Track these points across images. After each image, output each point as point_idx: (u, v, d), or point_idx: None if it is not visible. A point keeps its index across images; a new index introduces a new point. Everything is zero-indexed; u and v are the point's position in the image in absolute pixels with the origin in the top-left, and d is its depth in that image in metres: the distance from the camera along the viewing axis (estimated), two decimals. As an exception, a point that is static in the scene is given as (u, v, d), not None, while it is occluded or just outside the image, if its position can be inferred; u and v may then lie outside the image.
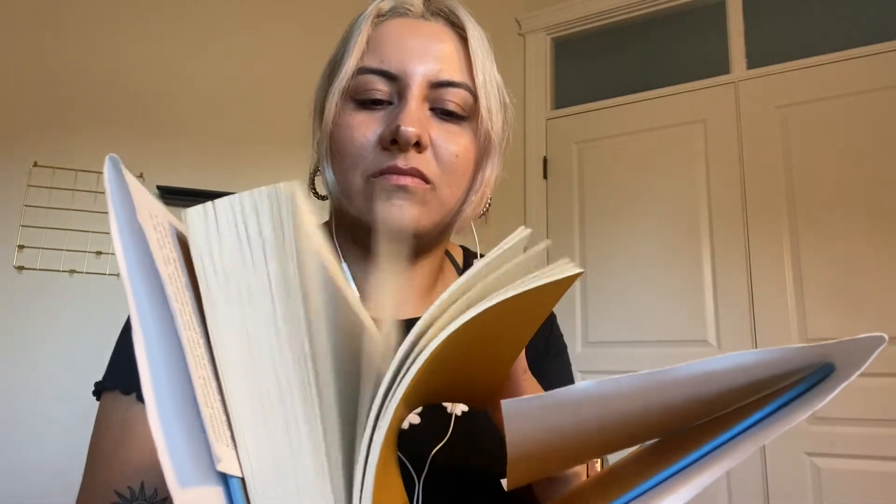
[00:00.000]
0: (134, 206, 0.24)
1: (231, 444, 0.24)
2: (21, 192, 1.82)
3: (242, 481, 0.24)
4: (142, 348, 0.22)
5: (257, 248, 0.25)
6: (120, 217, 0.24)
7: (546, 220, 2.38)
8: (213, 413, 0.23)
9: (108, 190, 0.24)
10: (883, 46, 1.92)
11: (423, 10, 0.55)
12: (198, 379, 0.23)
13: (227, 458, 0.23)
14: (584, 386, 0.22)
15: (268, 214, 0.25)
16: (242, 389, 0.25)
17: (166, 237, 0.27)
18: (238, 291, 0.25)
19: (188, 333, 0.24)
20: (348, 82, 0.52)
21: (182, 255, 0.27)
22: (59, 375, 1.76)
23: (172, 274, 0.25)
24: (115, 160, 0.25)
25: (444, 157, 0.52)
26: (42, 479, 1.69)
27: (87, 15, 1.98)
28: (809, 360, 0.23)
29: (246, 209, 0.26)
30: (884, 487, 1.70)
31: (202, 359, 0.24)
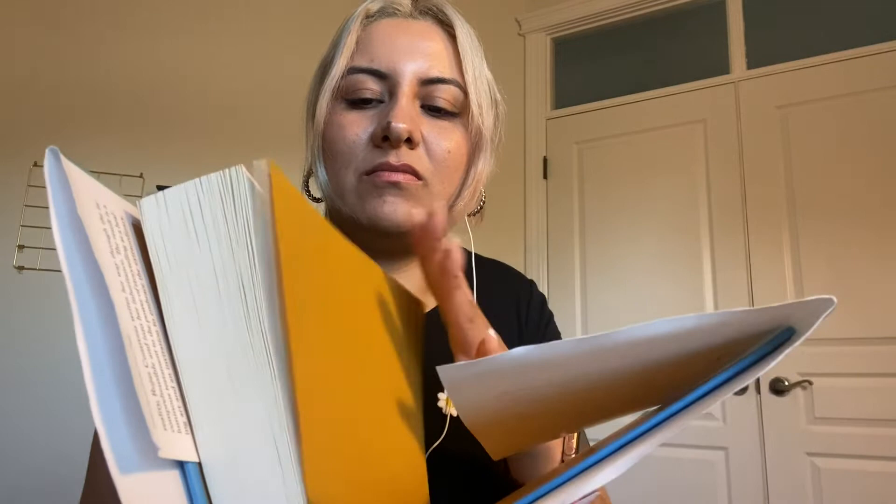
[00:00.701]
0: (73, 197, 0.24)
1: (185, 430, 0.24)
2: (21, 192, 1.82)
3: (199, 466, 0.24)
4: (81, 339, 0.22)
5: (202, 234, 0.26)
6: (60, 210, 0.24)
7: (546, 220, 2.38)
8: (162, 400, 0.23)
9: (47, 183, 0.24)
10: (883, 46, 1.92)
11: (412, 9, 0.56)
12: (144, 367, 0.23)
13: (180, 444, 0.23)
14: (521, 351, 0.21)
15: (218, 200, 0.26)
16: (196, 374, 0.25)
17: (117, 226, 0.27)
18: (187, 277, 0.26)
19: (137, 322, 0.24)
20: (339, 82, 0.52)
21: (138, 243, 0.28)
22: (59, 376, 1.76)
23: (121, 263, 0.25)
24: (54, 151, 0.25)
25: (435, 154, 0.52)
26: (42, 479, 1.69)
27: (87, 16, 1.98)
28: (768, 324, 0.23)
29: (191, 196, 0.26)
30: (884, 487, 1.70)
31: (154, 346, 0.25)
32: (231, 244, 0.26)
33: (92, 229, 0.25)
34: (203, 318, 0.25)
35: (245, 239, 0.26)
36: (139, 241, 0.28)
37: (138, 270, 0.26)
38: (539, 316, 0.64)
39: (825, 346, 1.84)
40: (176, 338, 0.25)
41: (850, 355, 1.80)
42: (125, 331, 0.23)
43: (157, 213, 0.26)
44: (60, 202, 0.24)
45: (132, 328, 0.24)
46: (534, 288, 0.67)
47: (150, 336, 0.25)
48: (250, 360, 0.25)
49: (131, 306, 0.24)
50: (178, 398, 0.24)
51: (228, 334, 0.25)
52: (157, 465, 0.23)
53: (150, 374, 0.23)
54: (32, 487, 1.69)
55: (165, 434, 0.22)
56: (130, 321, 0.24)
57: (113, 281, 0.24)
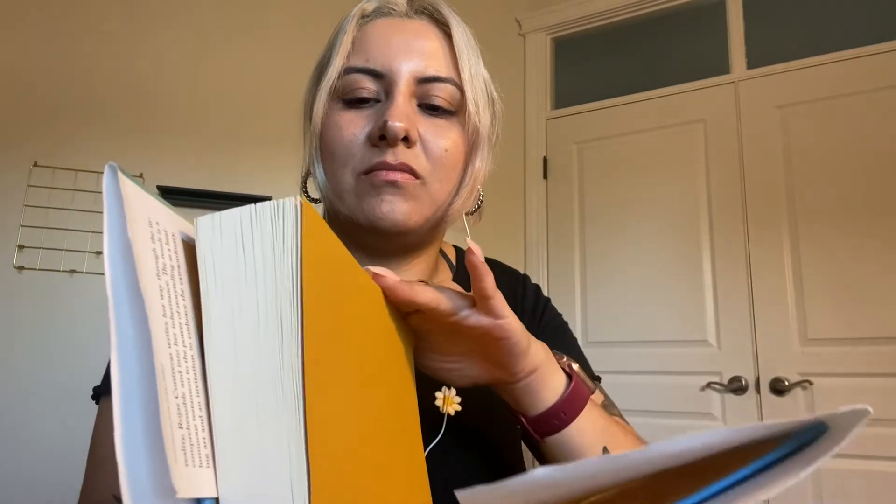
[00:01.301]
0: (126, 217, 0.24)
1: (207, 463, 0.24)
2: (21, 192, 1.82)
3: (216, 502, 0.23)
4: (116, 366, 0.22)
5: (251, 262, 0.25)
6: (113, 230, 0.24)
7: (546, 220, 2.38)
8: (188, 434, 0.23)
9: (104, 200, 0.24)
10: (883, 46, 1.92)
11: (407, 8, 0.56)
12: (174, 399, 0.23)
13: (199, 479, 0.23)
14: (543, 473, 0.21)
15: (268, 229, 0.25)
16: (227, 404, 0.24)
17: (167, 244, 0.26)
18: (231, 305, 0.25)
19: (174, 349, 0.24)
20: (335, 82, 0.52)
21: (187, 263, 0.27)
22: (59, 375, 1.76)
23: (166, 284, 0.25)
24: (113, 168, 0.25)
25: (433, 152, 0.52)
26: (42, 480, 1.69)
27: (88, 15, 1.98)
28: (797, 427, 0.23)
29: (244, 222, 0.26)
30: (884, 487, 1.69)
31: (187, 373, 0.24)
32: (276, 276, 0.25)
33: (140, 249, 0.24)
34: (240, 347, 0.25)
35: (289, 271, 0.25)
36: (189, 260, 0.27)
37: (182, 291, 0.26)
38: (534, 304, 0.65)
39: (825, 346, 1.84)
40: (212, 363, 0.25)
41: (850, 355, 1.80)
42: (159, 360, 0.23)
43: (212, 234, 0.26)
44: (114, 221, 0.24)
45: (167, 356, 0.23)
46: (527, 281, 0.67)
47: (184, 363, 0.24)
48: (278, 397, 0.24)
49: (170, 331, 0.24)
50: (203, 429, 0.24)
51: (262, 367, 0.25)
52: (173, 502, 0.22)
53: (178, 406, 0.23)
54: (31, 488, 1.69)
55: (186, 470, 0.22)
56: (167, 348, 0.24)
57: (154, 305, 0.24)
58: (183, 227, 0.29)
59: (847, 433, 0.22)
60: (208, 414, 0.24)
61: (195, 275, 0.26)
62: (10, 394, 1.73)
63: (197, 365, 0.25)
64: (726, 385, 1.94)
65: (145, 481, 0.22)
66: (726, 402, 1.94)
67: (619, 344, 2.14)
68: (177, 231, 0.28)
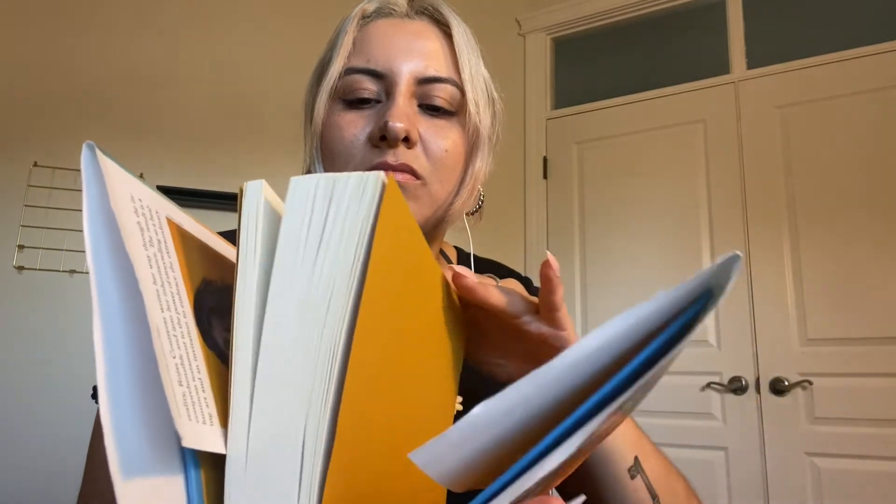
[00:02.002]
0: (107, 190, 0.24)
1: (210, 421, 0.23)
2: (21, 192, 1.82)
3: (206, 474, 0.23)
4: (98, 331, 0.22)
5: (328, 232, 0.25)
6: (92, 201, 0.24)
7: (546, 220, 2.38)
8: (188, 391, 0.23)
9: (83, 175, 0.24)
10: (883, 46, 1.92)
11: (408, 9, 0.56)
12: (172, 359, 0.23)
13: (205, 435, 0.23)
14: (476, 412, 0.22)
15: (355, 203, 0.25)
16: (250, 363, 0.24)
17: (152, 220, 0.26)
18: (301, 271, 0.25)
19: (167, 314, 0.24)
20: (336, 83, 0.53)
21: (173, 238, 0.27)
22: (59, 375, 1.76)
23: (154, 255, 0.25)
24: (90, 146, 0.25)
25: (433, 152, 0.52)
26: (42, 479, 1.69)
27: (87, 15, 1.98)
28: (690, 296, 0.23)
29: (324, 190, 0.25)
30: (884, 487, 1.69)
31: (183, 338, 0.24)
32: (345, 247, 0.25)
33: (125, 221, 0.24)
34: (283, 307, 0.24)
35: (357, 244, 0.25)
36: (176, 238, 0.27)
37: (171, 264, 0.26)
38: None
39: (825, 346, 1.84)
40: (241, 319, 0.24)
41: (850, 355, 1.80)
42: (154, 321, 0.23)
43: (304, 198, 0.26)
44: (94, 194, 0.24)
45: (161, 319, 0.23)
46: (530, 285, 0.67)
47: (179, 328, 0.24)
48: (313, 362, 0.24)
49: (161, 298, 0.24)
50: (204, 389, 0.24)
51: (307, 330, 0.24)
52: (162, 467, 0.22)
53: (177, 366, 0.23)
54: (30, 488, 1.69)
55: (190, 424, 0.22)
56: (160, 312, 0.24)
57: (144, 272, 0.24)
58: (166, 206, 0.29)
59: (726, 286, 0.23)
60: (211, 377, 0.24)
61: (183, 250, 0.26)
62: (9, 394, 1.73)
63: (192, 332, 0.25)
64: (726, 385, 1.94)
65: (134, 444, 0.21)
66: (726, 402, 1.94)
67: (619, 344, 2.14)
68: (161, 209, 0.28)
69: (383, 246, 0.26)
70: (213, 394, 0.24)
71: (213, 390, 0.25)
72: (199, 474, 0.23)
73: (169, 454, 0.22)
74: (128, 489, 0.20)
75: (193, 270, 0.28)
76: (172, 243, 0.27)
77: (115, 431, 0.21)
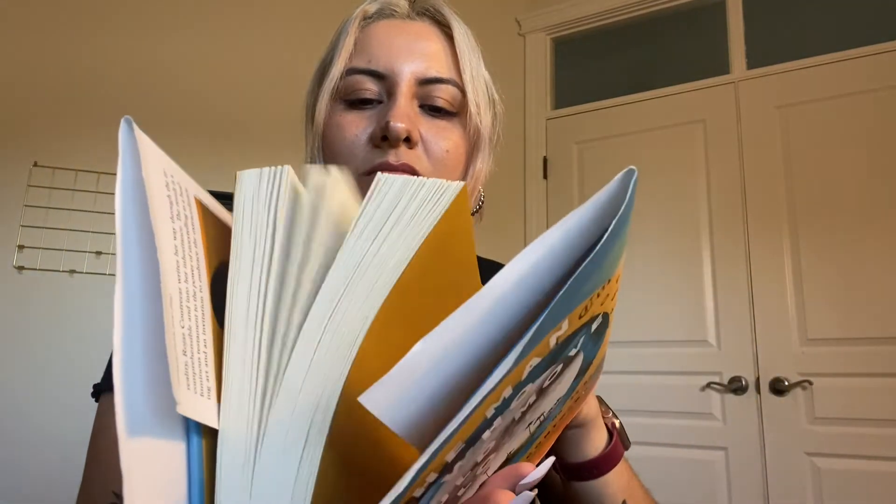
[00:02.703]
0: (141, 162, 0.25)
1: (208, 395, 0.24)
2: (21, 192, 1.82)
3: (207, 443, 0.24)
4: (119, 296, 0.22)
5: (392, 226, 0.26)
6: (126, 171, 0.25)
7: (546, 220, 2.38)
8: (191, 363, 0.23)
9: (119, 147, 0.25)
10: (883, 46, 1.92)
11: (409, 10, 0.56)
12: (180, 328, 0.23)
13: (201, 406, 0.23)
14: (416, 349, 0.22)
15: (420, 201, 0.27)
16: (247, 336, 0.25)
17: (181, 195, 0.27)
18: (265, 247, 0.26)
19: (184, 285, 0.24)
20: (337, 83, 0.53)
21: (199, 218, 0.28)
22: (59, 376, 1.76)
23: (180, 229, 0.26)
24: (128, 120, 0.25)
25: (434, 153, 0.52)
26: (42, 479, 1.69)
27: (87, 15, 1.98)
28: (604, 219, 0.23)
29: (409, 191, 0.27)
30: (884, 487, 1.70)
31: (195, 311, 0.25)
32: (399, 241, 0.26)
33: (155, 192, 0.25)
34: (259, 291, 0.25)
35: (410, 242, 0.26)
36: (202, 219, 0.28)
37: (195, 240, 0.27)
38: None
39: (825, 346, 1.84)
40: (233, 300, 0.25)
41: (850, 355, 1.80)
42: (168, 290, 0.23)
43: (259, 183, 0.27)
44: (128, 165, 0.25)
45: (176, 289, 0.24)
46: None
47: (193, 301, 0.25)
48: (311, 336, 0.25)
49: (181, 270, 0.25)
50: (207, 363, 0.24)
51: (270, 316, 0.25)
52: (165, 431, 0.22)
53: (184, 336, 0.23)
54: (29, 488, 1.69)
55: (188, 393, 0.22)
56: (177, 283, 0.24)
57: (167, 242, 0.24)
58: (196, 188, 0.30)
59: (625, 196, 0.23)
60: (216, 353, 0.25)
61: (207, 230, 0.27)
62: (9, 394, 1.73)
63: (206, 306, 0.25)
64: (726, 385, 1.94)
65: (141, 404, 0.22)
66: (726, 402, 1.94)
67: (619, 344, 2.14)
68: (190, 188, 0.29)
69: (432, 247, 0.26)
70: (215, 370, 0.25)
71: (215, 367, 0.25)
72: (201, 442, 0.23)
73: (174, 419, 0.23)
74: (132, 446, 0.21)
75: (213, 252, 0.28)
76: (199, 221, 0.28)
77: (124, 390, 0.21)
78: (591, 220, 0.23)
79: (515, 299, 0.23)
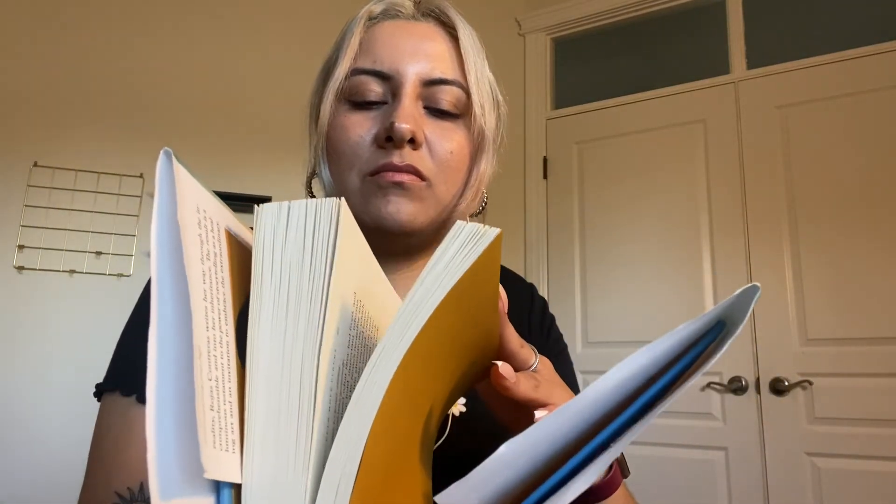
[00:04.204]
0: (177, 202, 0.25)
1: (233, 448, 0.24)
2: (21, 192, 1.82)
3: (237, 493, 0.23)
4: (153, 349, 0.22)
5: (318, 255, 0.26)
6: (163, 213, 0.25)
7: (546, 220, 2.38)
8: (218, 416, 0.23)
9: (157, 185, 0.25)
10: (883, 46, 1.92)
11: (414, 11, 0.56)
12: (208, 381, 0.23)
13: (225, 463, 0.23)
14: (500, 452, 0.22)
15: (327, 225, 0.26)
16: (262, 392, 0.24)
17: (212, 231, 0.27)
18: (287, 293, 0.26)
19: (211, 333, 0.24)
20: (342, 84, 0.53)
21: (228, 251, 0.28)
22: (59, 376, 1.76)
23: (209, 270, 0.26)
24: (168, 153, 0.25)
25: (439, 154, 0.52)
26: (42, 479, 1.69)
27: (87, 15, 1.98)
28: (703, 329, 0.24)
29: (314, 216, 0.26)
30: (884, 487, 1.70)
31: (221, 358, 0.24)
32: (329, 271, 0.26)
33: (188, 235, 0.25)
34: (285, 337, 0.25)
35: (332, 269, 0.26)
36: (230, 250, 0.28)
37: (223, 279, 0.26)
38: (541, 320, 0.64)
39: (825, 346, 1.84)
40: (255, 349, 0.25)
41: (850, 355, 1.80)
42: (197, 341, 0.23)
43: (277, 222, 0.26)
44: (164, 204, 0.25)
45: (204, 339, 0.24)
46: (534, 292, 0.67)
47: (220, 347, 0.25)
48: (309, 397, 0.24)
49: (209, 315, 0.24)
50: (232, 414, 0.24)
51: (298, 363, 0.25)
52: (197, 489, 0.22)
53: (212, 388, 0.23)
54: (29, 488, 1.69)
55: (214, 452, 0.22)
56: (205, 331, 0.24)
57: (197, 289, 0.24)
58: (227, 217, 0.30)
59: (743, 317, 0.23)
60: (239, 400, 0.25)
61: (235, 264, 0.27)
62: (10, 394, 1.73)
63: (231, 351, 0.25)
64: (726, 385, 1.94)
65: (174, 465, 0.22)
66: (726, 402, 1.94)
67: (619, 344, 2.14)
68: (221, 220, 0.29)
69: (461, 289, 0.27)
70: (239, 419, 0.25)
71: (240, 415, 0.25)
72: (230, 494, 0.23)
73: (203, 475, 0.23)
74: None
75: (240, 286, 0.28)
76: (227, 256, 0.28)
77: (157, 448, 0.21)
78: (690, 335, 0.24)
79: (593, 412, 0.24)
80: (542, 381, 0.36)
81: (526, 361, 0.38)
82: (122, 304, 1.57)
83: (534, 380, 0.36)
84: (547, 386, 0.36)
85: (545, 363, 0.39)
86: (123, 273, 1.86)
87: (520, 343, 0.38)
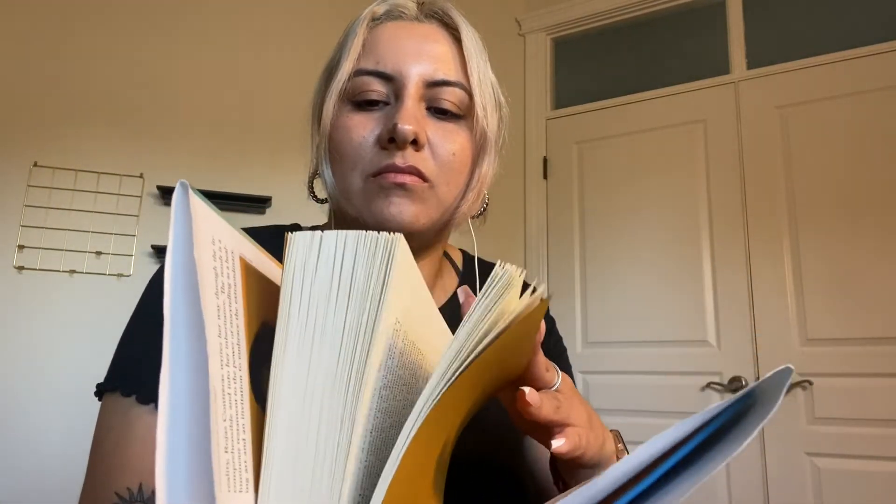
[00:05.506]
0: (192, 235, 0.24)
1: (246, 488, 0.23)
2: (21, 192, 1.82)
3: None
4: (166, 386, 0.22)
5: (344, 290, 0.25)
6: (178, 247, 0.24)
7: (546, 220, 2.38)
8: (232, 458, 0.23)
9: (172, 218, 0.24)
10: (883, 46, 1.92)
11: (417, 12, 0.56)
12: (222, 421, 0.23)
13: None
14: None
15: (364, 259, 0.26)
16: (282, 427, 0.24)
17: (226, 262, 0.26)
18: (314, 326, 0.25)
19: (226, 370, 0.24)
20: (345, 84, 0.53)
21: (242, 280, 0.27)
22: (59, 375, 1.76)
23: (223, 304, 0.25)
24: (184, 186, 0.25)
25: (441, 156, 0.52)
26: (42, 479, 1.69)
27: (87, 15, 1.98)
28: (731, 402, 0.24)
29: (348, 248, 0.26)
30: (884, 487, 1.70)
31: (235, 395, 0.24)
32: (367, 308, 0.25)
33: (203, 269, 0.24)
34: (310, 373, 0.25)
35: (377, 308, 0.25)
36: (244, 279, 0.27)
37: (236, 311, 0.26)
38: (555, 352, 0.64)
39: (825, 346, 1.84)
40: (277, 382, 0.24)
41: (850, 355, 1.80)
42: (212, 382, 0.23)
43: (308, 253, 0.26)
44: (179, 238, 0.24)
45: (219, 377, 0.23)
46: (553, 327, 0.67)
47: (234, 384, 0.24)
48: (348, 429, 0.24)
49: (223, 352, 0.24)
50: (246, 452, 0.24)
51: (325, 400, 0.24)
52: None
53: (225, 429, 0.23)
54: (29, 488, 1.69)
55: (229, 496, 0.22)
56: (219, 370, 0.23)
57: (212, 325, 0.24)
58: (242, 243, 0.29)
59: (778, 395, 0.22)
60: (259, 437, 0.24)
61: (250, 293, 0.26)
62: (10, 393, 1.73)
63: (245, 386, 0.25)
64: (726, 385, 1.94)
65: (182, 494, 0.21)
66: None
67: (619, 344, 2.14)
68: (236, 248, 0.28)
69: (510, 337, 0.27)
70: (253, 453, 0.24)
71: (254, 448, 0.25)
72: None
73: None
74: None
75: (255, 315, 0.28)
76: (241, 286, 0.27)
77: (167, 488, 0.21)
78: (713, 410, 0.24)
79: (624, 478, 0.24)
80: (563, 401, 0.37)
81: (549, 383, 0.38)
82: (122, 304, 1.57)
83: (556, 400, 0.36)
84: (567, 406, 0.37)
85: (565, 380, 0.40)
86: (123, 273, 1.86)
87: (546, 367, 0.38)
